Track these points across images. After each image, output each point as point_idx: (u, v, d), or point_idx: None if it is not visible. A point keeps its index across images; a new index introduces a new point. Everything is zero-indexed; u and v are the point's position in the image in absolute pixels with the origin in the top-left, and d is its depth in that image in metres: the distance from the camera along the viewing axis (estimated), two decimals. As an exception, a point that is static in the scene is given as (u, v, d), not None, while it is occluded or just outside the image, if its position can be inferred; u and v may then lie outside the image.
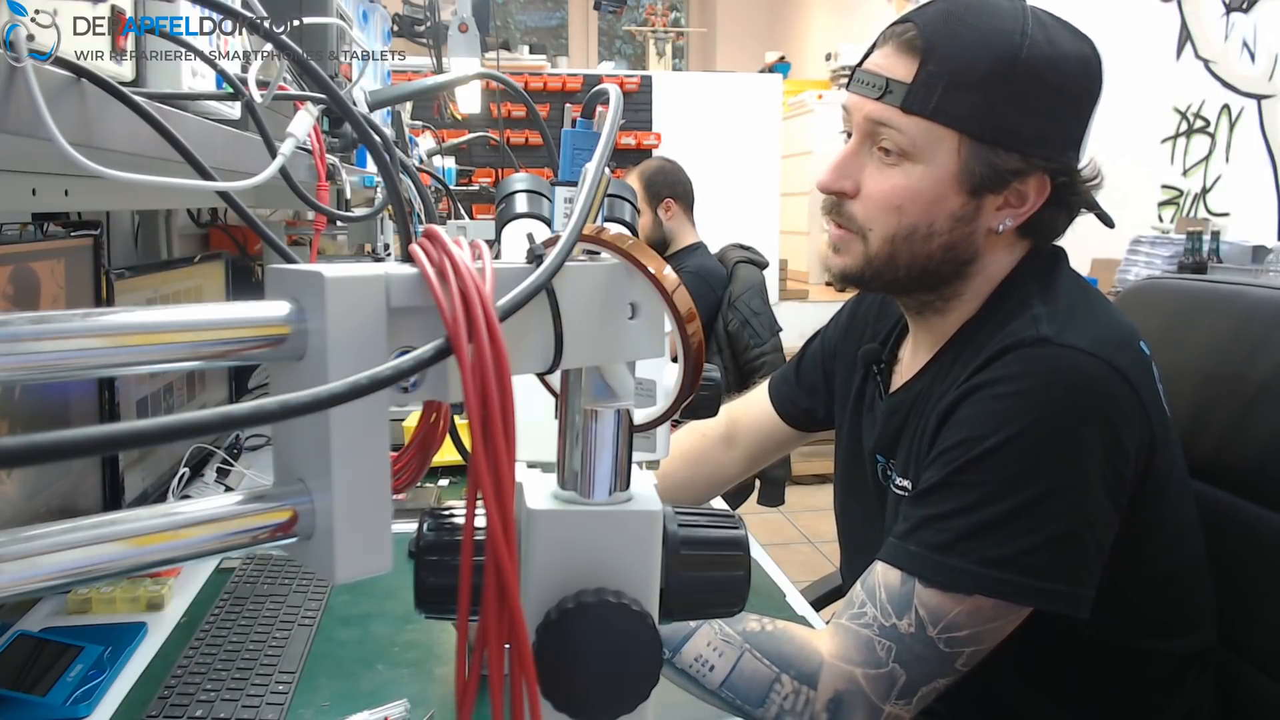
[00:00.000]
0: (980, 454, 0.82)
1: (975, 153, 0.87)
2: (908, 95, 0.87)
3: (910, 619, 0.82)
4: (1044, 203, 0.90)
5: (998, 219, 0.90)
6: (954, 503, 0.83)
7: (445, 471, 1.59)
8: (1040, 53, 0.86)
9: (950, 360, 0.94)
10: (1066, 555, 0.82)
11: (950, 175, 0.88)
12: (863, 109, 0.90)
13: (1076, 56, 0.88)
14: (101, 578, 0.30)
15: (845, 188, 0.92)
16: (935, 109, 0.86)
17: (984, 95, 0.85)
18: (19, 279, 0.99)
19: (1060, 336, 0.84)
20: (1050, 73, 0.86)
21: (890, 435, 1.01)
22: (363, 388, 0.30)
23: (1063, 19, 0.91)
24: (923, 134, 0.87)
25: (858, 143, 0.92)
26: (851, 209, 0.93)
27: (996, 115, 0.86)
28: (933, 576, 0.82)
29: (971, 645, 0.82)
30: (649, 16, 5.60)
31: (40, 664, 0.95)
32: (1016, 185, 0.89)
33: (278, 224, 1.91)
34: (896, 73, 0.88)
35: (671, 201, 2.76)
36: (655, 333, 0.44)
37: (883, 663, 0.82)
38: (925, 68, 0.86)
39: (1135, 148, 3.51)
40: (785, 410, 1.27)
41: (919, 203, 0.89)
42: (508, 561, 0.34)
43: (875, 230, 0.91)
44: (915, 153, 0.88)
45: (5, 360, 0.28)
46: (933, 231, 0.90)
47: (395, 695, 0.92)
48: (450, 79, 1.96)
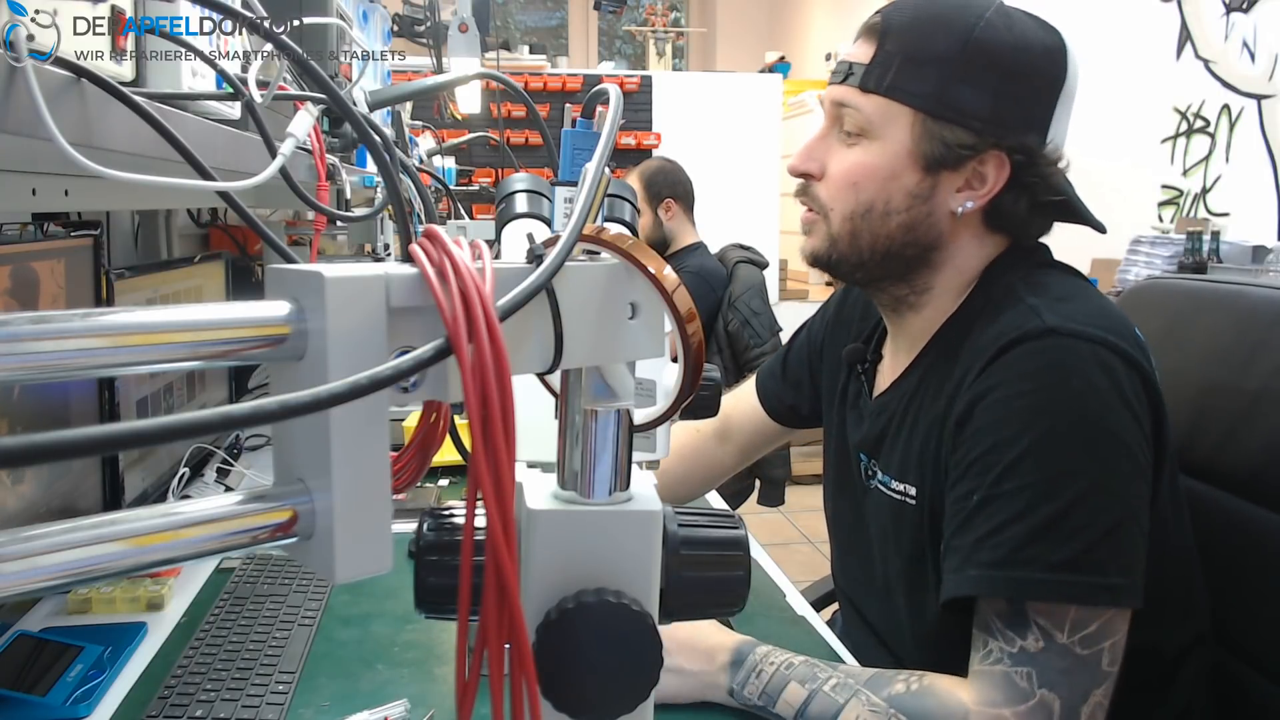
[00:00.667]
0: (1014, 460, 0.81)
1: (929, 129, 0.89)
2: (865, 74, 0.90)
3: (1035, 635, 0.80)
4: (1004, 186, 0.90)
5: (957, 200, 0.91)
6: (1005, 514, 0.81)
7: (445, 471, 1.59)
8: (996, 35, 0.88)
9: (936, 359, 0.94)
10: (1120, 546, 0.81)
11: (905, 151, 0.90)
12: (831, 95, 0.94)
13: (1037, 40, 0.90)
14: (101, 578, 0.30)
15: (811, 169, 0.95)
16: (889, 86, 0.89)
17: (936, 72, 0.88)
18: (19, 279, 0.99)
19: (1065, 325, 0.83)
20: (1005, 53, 0.88)
21: (876, 435, 1.01)
22: (363, 388, 0.30)
23: (1035, 15, 0.92)
24: (878, 111, 0.90)
25: (826, 127, 0.95)
26: (817, 190, 0.95)
27: (948, 92, 0.88)
28: (1040, 592, 0.80)
29: (1108, 638, 0.80)
30: (649, 16, 5.60)
31: (40, 664, 0.95)
32: (974, 165, 0.90)
33: (278, 224, 1.91)
34: (859, 56, 0.92)
35: (671, 201, 2.76)
36: (655, 333, 0.44)
37: (1029, 694, 0.79)
38: (882, 48, 0.90)
39: (1135, 148, 3.51)
40: (772, 407, 1.27)
41: (875, 179, 0.91)
42: (508, 561, 0.34)
43: (835, 209, 0.94)
44: (871, 130, 0.91)
45: (5, 360, 0.28)
46: (890, 209, 0.91)
47: (395, 695, 0.92)
48: (450, 79, 1.96)
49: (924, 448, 0.93)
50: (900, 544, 0.97)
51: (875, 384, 1.06)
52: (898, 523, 0.97)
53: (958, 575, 0.84)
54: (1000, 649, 0.81)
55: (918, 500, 0.94)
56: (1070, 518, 0.80)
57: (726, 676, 0.90)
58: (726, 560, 0.48)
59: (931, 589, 0.92)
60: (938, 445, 0.90)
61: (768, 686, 0.88)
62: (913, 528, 0.95)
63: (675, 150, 4.04)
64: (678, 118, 4.54)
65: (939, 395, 0.91)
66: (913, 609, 0.97)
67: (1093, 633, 0.80)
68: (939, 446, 0.90)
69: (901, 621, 1.00)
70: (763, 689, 0.88)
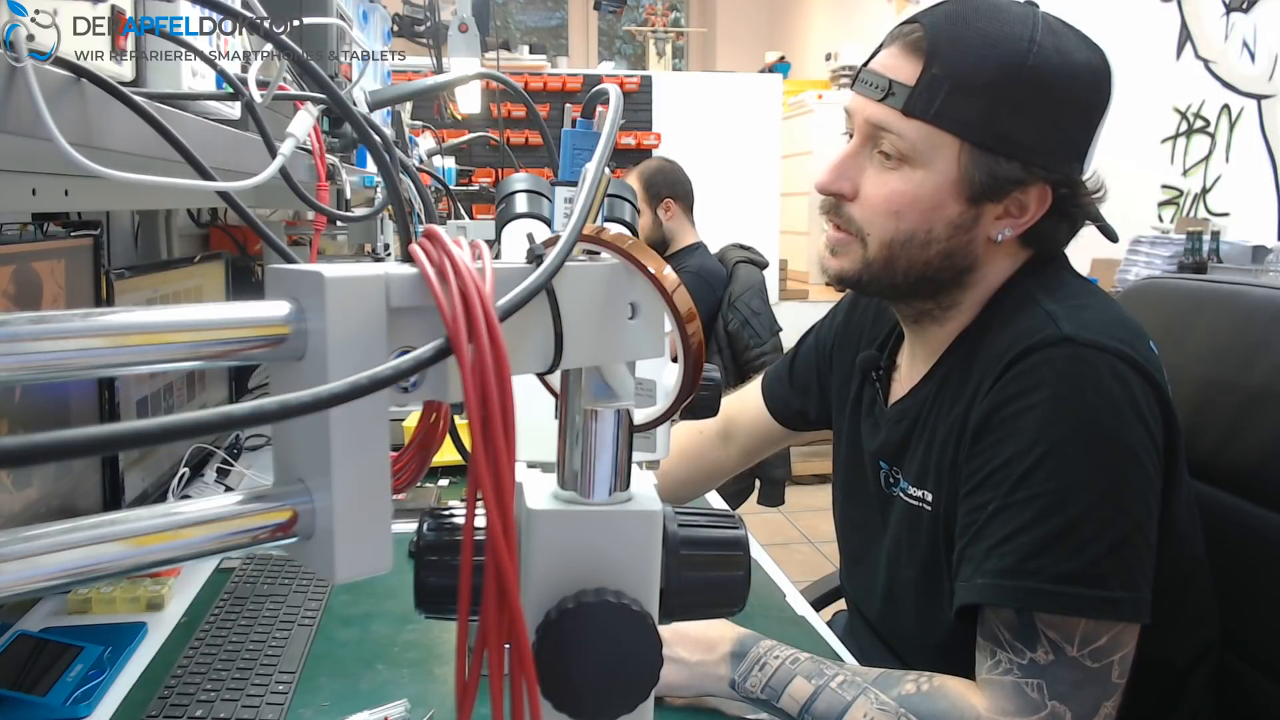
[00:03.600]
0: (1027, 469, 0.81)
1: (976, 160, 0.85)
2: (910, 98, 0.85)
3: (1045, 647, 0.80)
4: (1045, 213, 0.89)
5: (996, 228, 0.89)
6: (1016, 523, 0.81)
7: (445, 471, 1.59)
8: (1048, 61, 0.84)
9: (954, 366, 0.94)
10: (1126, 560, 0.80)
11: (950, 182, 0.86)
12: (864, 111, 0.89)
13: (1086, 67, 0.86)
14: (101, 578, 0.30)
15: (843, 189, 0.91)
16: (937, 113, 0.85)
17: (987, 101, 0.84)
18: (19, 279, 0.99)
19: (1081, 335, 0.83)
20: (1057, 82, 0.84)
21: (896, 442, 1.00)
22: (363, 388, 0.30)
23: (1075, 26, 0.89)
24: (923, 138, 0.86)
25: (858, 144, 0.91)
26: (850, 211, 0.92)
27: (999, 122, 0.84)
28: (1048, 604, 0.79)
29: (1118, 651, 0.80)
30: (649, 16, 5.60)
31: (40, 664, 0.95)
32: (1017, 195, 0.87)
33: (278, 224, 1.91)
34: (900, 74, 0.86)
35: (671, 201, 2.76)
36: (655, 333, 0.44)
37: (1039, 705, 0.79)
38: (929, 70, 0.85)
39: (1135, 148, 3.51)
40: (778, 411, 1.27)
41: (917, 208, 0.88)
42: (508, 561, 0.34)
43: (873, 234, 0.90)
44: (915, 157, 0.87)
45: (5, 360, 0.28)
46: (931, 238, 0.89)
47: (395, 695, 0.92)
48: (450, 79, 1.96)
49: (941, 454, 0.92)
50: (914, 550, 0.97)
51: (890, 390, 1.05)
52: (913, 529, 0.97)
53: (968, 584, 0.84)
54: (1010, 660, 0.81)
55: (934, 506, 0.93)
56: (1079, 529, 0.79)
57: (728, 668, 0.89)
58: (726, 560, 0.48)
59: (944, 597, 0.92)
60: (955, 451, 0.89)
61: (772, 680, 0.87)
62: (928, 534, 0.94)
63: (675, 150, 4.05)
64: (678, 118, 4.54)
65: (956, 401, 0.91)
66: (923, 617, 0.97)
67: (1102, 646, 0.80)
68: (956, 453, 0.89)
69: (911, 630, 1.00)
70: (766, 682, 0.87)
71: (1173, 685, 0.96)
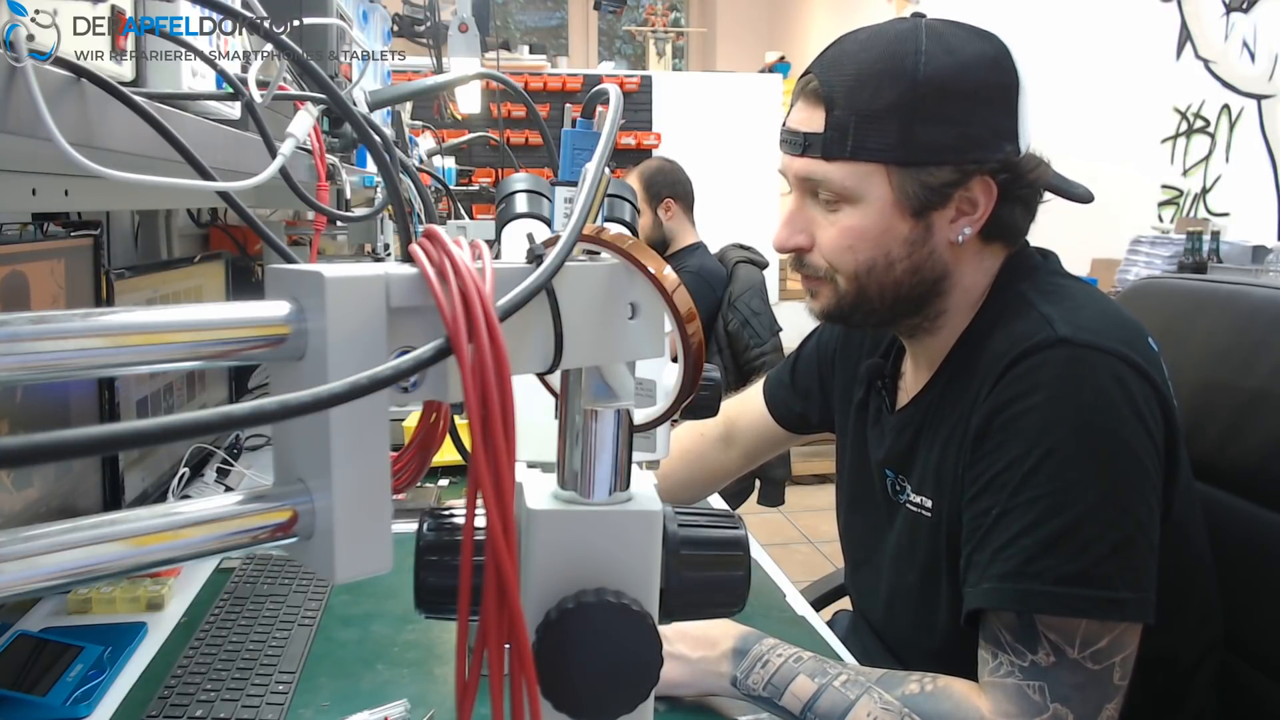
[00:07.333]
0: (1028, 472, 0.82)
1: (905, 178, 0.88)
2: (825, 145, 0.89)
3: (1046, 649, 0.80)
4: (996, 203, 0.90)
5: (954, 230, 0.91)
6: (1018, 526, 0.82)
7: (445, 471, 1.59)
8: (939, 64, 0.86)
9: (955, 372, 0.94)
10: (1128, 561, 0.80)
11: (889, 205, 0.89)
12: (792, 167, 0.93)
13: (979, 56, 0.88)
14: (101, 578, 0.30)
15: (800, 243, 0.95)
16: (854, 149, 0.87)
17: (896, 122, 0.86)
18: (18, 279, 0.99)
19: (1078, 336, 0.83)
20: (955, 80, 0.86)
21: (902, 450, 1.00)
22: (363, 388, 0.30)
23: (961, 22, 0.90)
24: (850, 176, 0.88)
25: (799, 198, 0.94)
26: (812, 260, 0.95)
27: (914, 137, 0.86)
28: (1049, 605, 0.80)
29: (1119, 653, 0.80)
30: (649, 16, 5.60)
31: (40, 664, 0.95)
32: (960, 194, 0.89)
33: (278, 224, 1.91)
34: (811, 125, 0.90)
35: (671, 201, 2.75)
36: (655, 333, 0.44)
37: (1041, 708, 0.80)
38: (832, 113, 0.88)
39: (1135, 148, 3.50)
40: (780, 414, 1.27)
41: (868, 238, 0.90)
42: (508, 561, 0.34)
43: (840, 271, 0.93)
44: (850, 194, 0.89)
45: (5, 360, 0.28)
46: (892, 260, 0.91)
47: (395, 695, 0.92)
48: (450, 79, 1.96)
49: (941, 461, 0.92)
50: (914, 557, 0.97)
51: (896, 398, 1.06)
52: (913, 535, 0.97)
53: (974, 590, 0.84)
54: (1011, 662, 0.81)
55: (933, 513, 0.94)
56: (1080, 531, 0.80)
57: (729, 665, 0.89)
58: (726, 560, 0.48)
59: (943, 603, 0.92)
60: (956, 458, 0.90)
61: (774, 678, 0.87)
62: (928, 540, 0.95)
63: (675, 150, 4.05)
64: (678, 118, 4.54)
65: (957, 407, 0.91)
66: (922, 623, 0.97)
67: (1103, 648, 0.80)
68: (957, 460, 0.90)
69: (909, 635, 1.00)
70: (768, 680, 0.87)
71: (1177, 683, 0.96)
